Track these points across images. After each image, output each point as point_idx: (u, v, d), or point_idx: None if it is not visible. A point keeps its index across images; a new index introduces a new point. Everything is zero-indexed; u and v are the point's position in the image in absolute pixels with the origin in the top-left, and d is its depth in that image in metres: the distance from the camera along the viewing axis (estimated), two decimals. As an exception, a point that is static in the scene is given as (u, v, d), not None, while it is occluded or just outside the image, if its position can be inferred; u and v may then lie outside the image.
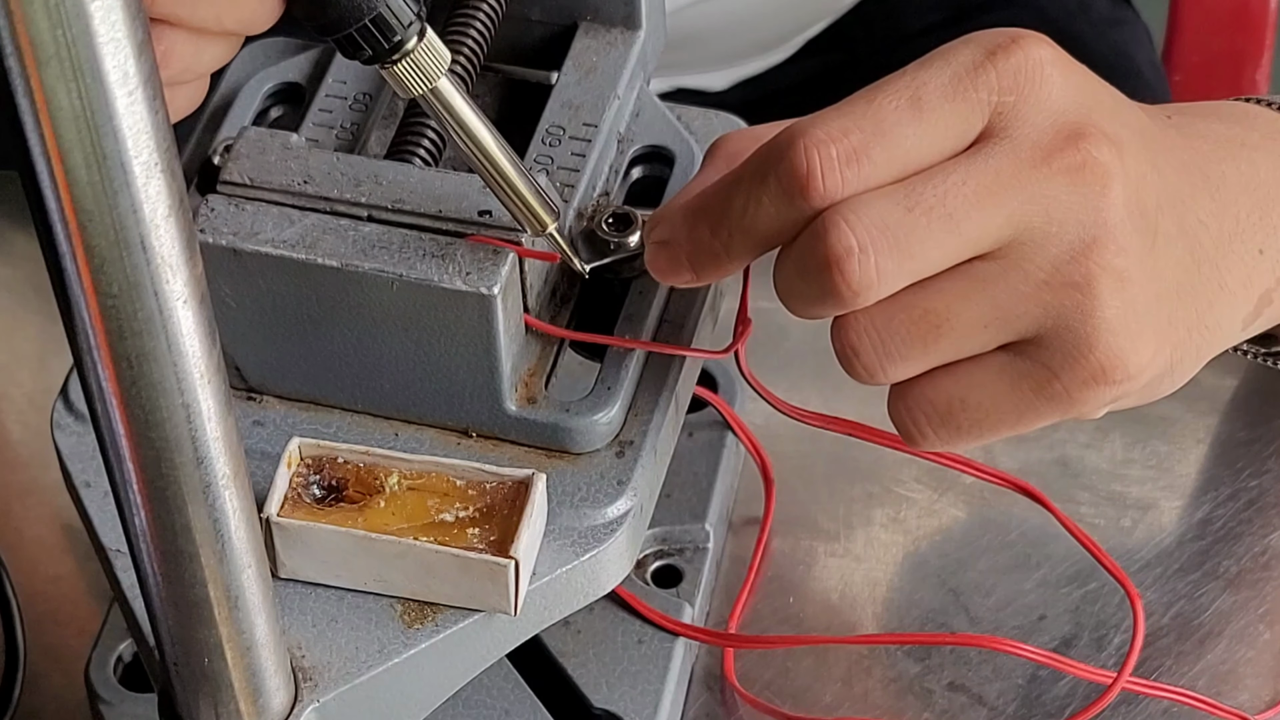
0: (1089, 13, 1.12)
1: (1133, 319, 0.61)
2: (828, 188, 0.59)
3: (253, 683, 0.58)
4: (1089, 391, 0.61)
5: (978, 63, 0.61)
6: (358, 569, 0.63)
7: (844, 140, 0.59)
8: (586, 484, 0.65)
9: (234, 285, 0.64)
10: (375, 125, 0.69)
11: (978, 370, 0.62)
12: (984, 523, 0.81)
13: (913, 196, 0.59)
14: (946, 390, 0.62)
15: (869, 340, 0.61)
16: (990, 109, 0.61)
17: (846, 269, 0.58)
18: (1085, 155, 0.60)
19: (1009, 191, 0.60)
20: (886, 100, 0.60)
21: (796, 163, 0.59)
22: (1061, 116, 0.61)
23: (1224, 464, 0.84)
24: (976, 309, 0.60)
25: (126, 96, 0.43)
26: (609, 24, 0.71)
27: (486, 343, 0.63)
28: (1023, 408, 0.62)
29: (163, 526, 0.52)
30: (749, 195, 0.60)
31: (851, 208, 0.59)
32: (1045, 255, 0.60)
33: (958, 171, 0.60)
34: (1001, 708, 0.77)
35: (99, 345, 0.47)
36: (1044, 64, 0.61)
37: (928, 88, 0.60)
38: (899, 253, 0.59)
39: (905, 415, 0.63)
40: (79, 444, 0.67)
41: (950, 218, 0.59)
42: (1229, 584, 0.80)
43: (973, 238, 0.60)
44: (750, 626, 0.79)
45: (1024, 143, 0.60)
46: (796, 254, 0.60)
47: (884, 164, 0.60)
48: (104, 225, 0.45)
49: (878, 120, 0.60)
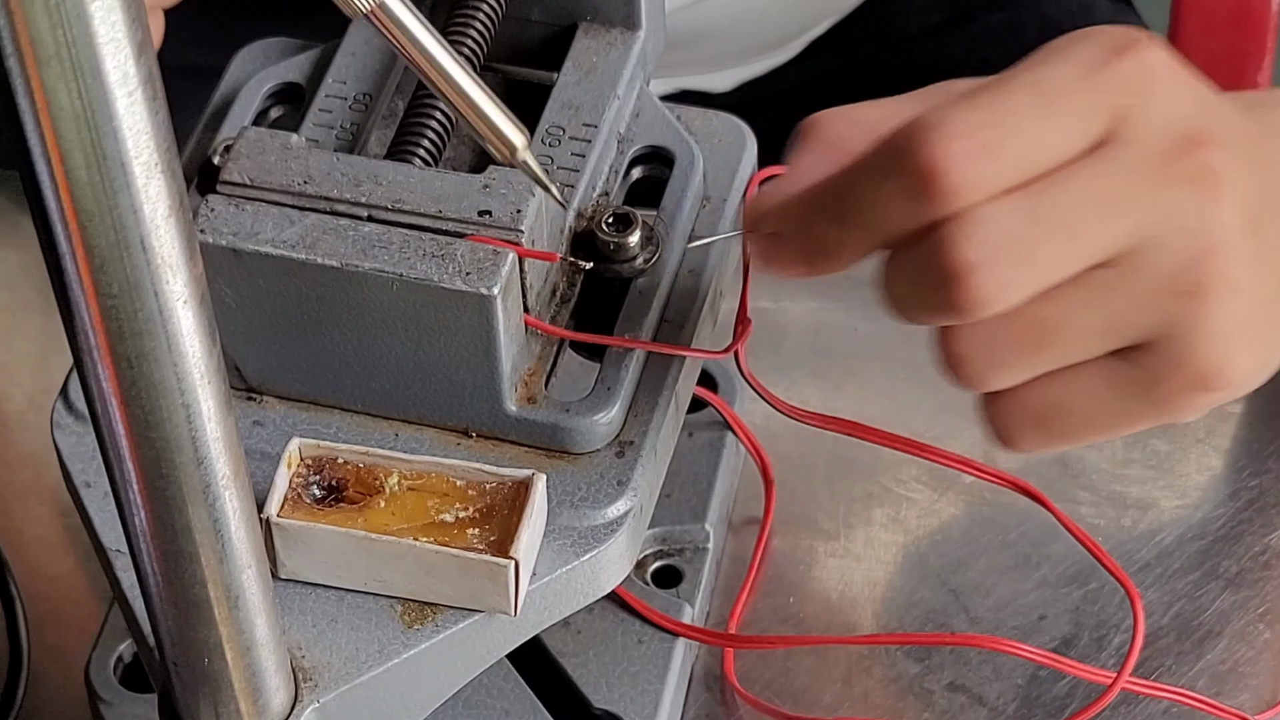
0: (1091, 14, 1.12)
1: (1239, 326, 0.61)
2: (957, 184, 0.57)
3: (253, 683, 0.58)
4: (1191, 397, 0.61)
5: (1101, 61, 0.60)
6: (358, 569, 0.63)
7: (975, 135, 0.58)
8: (586, 484, 0.65)
9: (234, 285, 0.64)
10: (375, 125, 0.69)
11: (1081, 376, 0.61)
12: (984, 522, 0.81)
13: (1039, 209, 0.58)
14: (1048, 396, 0.61)
15: (978, 349, 0.59)
16: (1112, 111, 0.59)
17: (970, 284, 0.57)
18: (1203, 164, 0.60)
19: (1132, 202, 0.59)
20: (1015, 94, 0.59)
21: (926, 157, 0.57)
22: (1180, 123, 0.60)
23: (1224, 463, 0.84)
24: (1091, 318, 0.59)
25: (127, 97, 0.43)
26: (609, 24, 0.71)
27: (486, 343, 0.63)
28: (1123, 413, 0.62)
29: (163, 526, 0.52)
30: (875, 190, 0.59)
31: (977, 219, 0.58)
32: (1162, 263, 0.59)
33: (1080, 179, 0.59)
34: (1001, 708, 0.77)
35: (99, 345, 0.47)
36: (1163, 68, 0.60)
37: (1053, 82, 0.59)
38: (1022, 267, 0.58)
39: (1002, 419, 0.62)
40: (79, 444, 0.67)
41: (1073, 230, 0.58)
42: (1229, 584, 0.80)
43: (1094, 250, 0.59)
44: (750, 626, 0.79)
45: (1145, 150, 0.59)
46: (914, 262, 0.59)
47: (1012, 162, 0.58)
48: (104, 225, 0.45)
49: (1007, 114, 0.58)
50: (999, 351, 0.60)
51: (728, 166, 0.72)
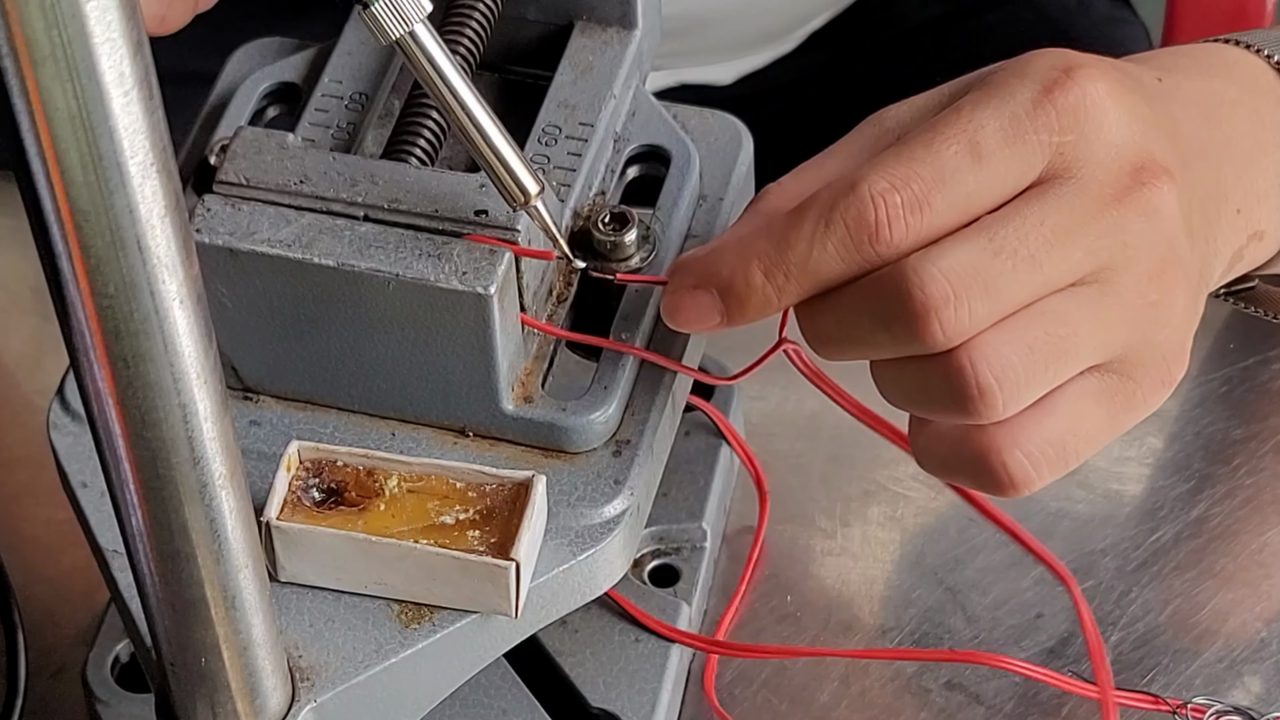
0: (1088, 12, 1.12)
1: (1189, 316, 0.64)
2: (894, 236, 0.60)
3: (250, 682, 0.58)
4: (1164, 393, 0.64)
5: (1035, 101, 0.61)
6: (357, 572, 0.63)
7: (906, 189, 0.60)
8: (583, 483, 0.65)
9: (230, 285, 0.64)
10: (371, 125, 0.69)
11: (1076, 399, 0.62)
12: (981, 520, 0.81)
13: (996, 241, 0.60)
14: (1054, 428, 0.62)
15: (1006, 369, 0.60)
16: (1051, 150, 0.61)
17: (943, 317, 0.59)
18: (1151, 190, 0.62)
19: (1084, 229, 0.61)
20: (945, 146, 0.61)
21: (864, 209, 0.60)
22: (1119, 150, 0.62)
23: (1220, 462, 0.84)
24: (1089, 329, 0.61)
25: (122, 97, 0.43)
26: (605, 23, 0.71)
27: (483, 342, 0.63)
28: (1115, 424, 0.63)
29: (159, 526, 0.52)
30: (812, 240, 0.60)
31: (937, 255, 0.59)
32: (1129, 279, 0.62)
33: (1033, 212, 0.61)
34: (999, 706, 0.76)
35: (95, 345, 0.47)
36: (1099, 98, 0.62)
37: (985, 131, 0.61)
38: (989, 297, 0.59)
39: (1022, 463, 0.62)
40: (75, 444, 0.67)
41: (1033, 258, 0.60)
42: (1225, 582, 0.80)
43: (1054, 276, 0.61)
44: (747, 625, 0.79)
45: (1090, 182, 0.61)
46: (872, 305, 0.60)
47: (944, 211, 0.60)
48: (100, 225, 0.45)
49: (938, 168, 0.60)
50: (1015, 369, 0.60)
51: (724, 165, 0.72)
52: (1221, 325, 0.87)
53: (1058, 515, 0.81)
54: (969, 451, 0.62)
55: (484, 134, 0.62)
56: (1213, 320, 0.87)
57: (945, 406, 0.61)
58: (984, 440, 0.62)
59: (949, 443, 0.62)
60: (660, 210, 0.69)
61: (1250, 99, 0.69)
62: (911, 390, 0.62)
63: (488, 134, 0.63)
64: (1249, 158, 0.68)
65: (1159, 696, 0.75)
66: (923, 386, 0.61)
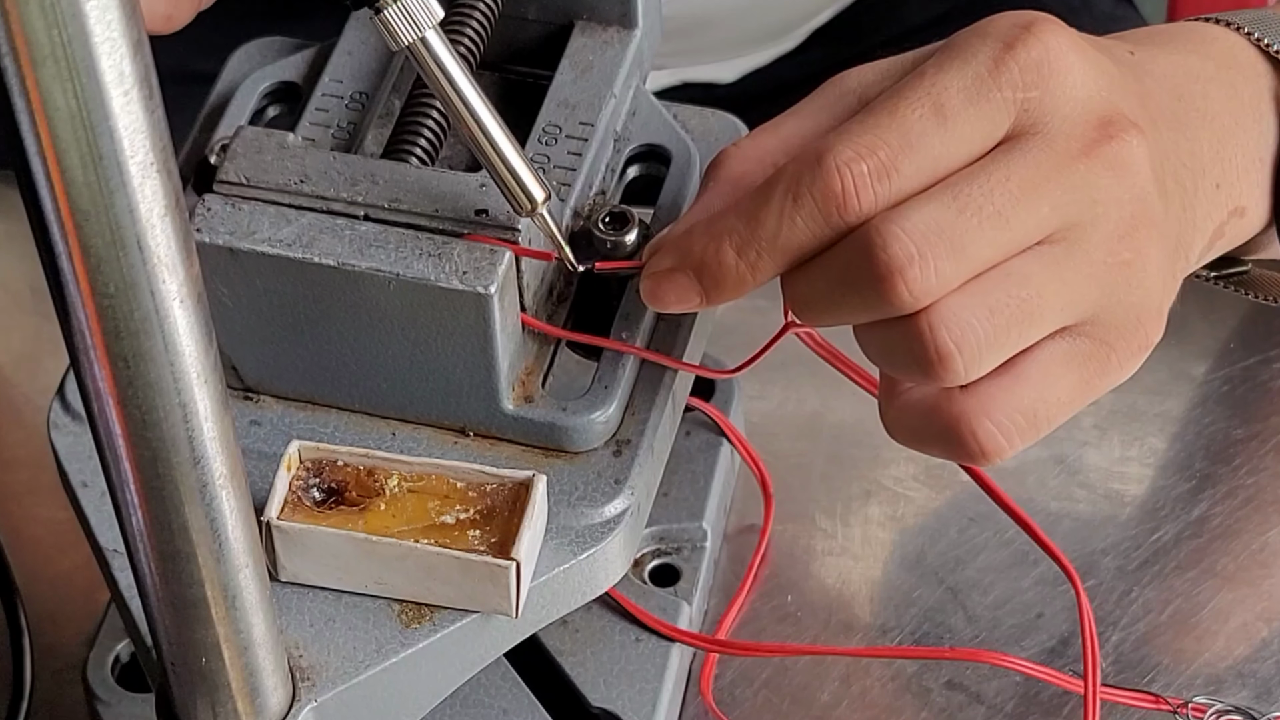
0: (1091, 10, 1.12)
1: (1165, 280, 0.63)
2: (863, 204, 0.59)
3: (250, 682, 0.58)
4: (1139, 359, 0.63)
5: (997, 58, 0.61)
6: (358, 572, 0.63)
7: (872, 156, 0.59)
8: (584, 483, 0.65)
9: (230, 285, 0.64)
10: (372, 124, 0.69)
11: (1047, 364, 0.62)
12: (981, 520, 0.81)
13: (961, 198, 0.59)
14: (1025, 395, 0.61)
15: (966, 332, 0.60)
16: (1016, 106, 0.61)
17: (909, 277, 0.58)
18: (1115, 144, 0.61)
19: (1051, 184, 0.60)
20: (909, 110, 0.60)
21: (830, 181, 0.59)
22: (1084, 104, 0.61)
23: (1221, 461, 0.84)
24: (1054, 289, 0.60)
25: (122, 96, 0.43)
26: (605, 23, 0.71)
27: (483, 342, 0.63)
28: (1087, 389, 0.63)
29: (160, 526, 0.52)
30: (781, 214, 0.60)
31: (901, 215, 0.59)
32: (1098, 236, 0.61)
33: (999, 169, 0.60)
34: (1000, 705, 0.76)
35: (95, 345, 0.47)
36: (1062, 52, 0.61)
37: (949, 93, 0.60)
38: (955, 255, 0.59)
39: (992, 433, 0.62)
40: (76, 444, 0.67)
41: (999, 215, 0.59)
42: (1226, 581, 0.80)
43: (1022, 232, 0.60)
44: (748, 624, 0.79)
45: (1057, 136, 0.61)
46: (842, 268, 0.60)
47: (912, 175, 0.60)
48: (100, 225, 0.45)
49: (903, 133, 0.60)
50: (979, 331, 0.60)
51: (724, 165, 0.72)
52: (1222, 325, 0.87)
53: (1059, 515, 0.82)
54: (939, 422, 0.62)
55: (492, 140, 0.63)
56: (1213, 320, 0.87)
57: (910, 370, 0.61)
58: (953, 409, 0.61)
59: (919, 413, 0.62)
60: (661, 210, 0.69)
61: (1227, 74, 0.68)
62: (883, 352, 0.62)
63: (495, 140, 0.63)
64: (1226, 132, 0.67)
65: (1159, 696, 0.75)
66: (889, 350, 0.61)
